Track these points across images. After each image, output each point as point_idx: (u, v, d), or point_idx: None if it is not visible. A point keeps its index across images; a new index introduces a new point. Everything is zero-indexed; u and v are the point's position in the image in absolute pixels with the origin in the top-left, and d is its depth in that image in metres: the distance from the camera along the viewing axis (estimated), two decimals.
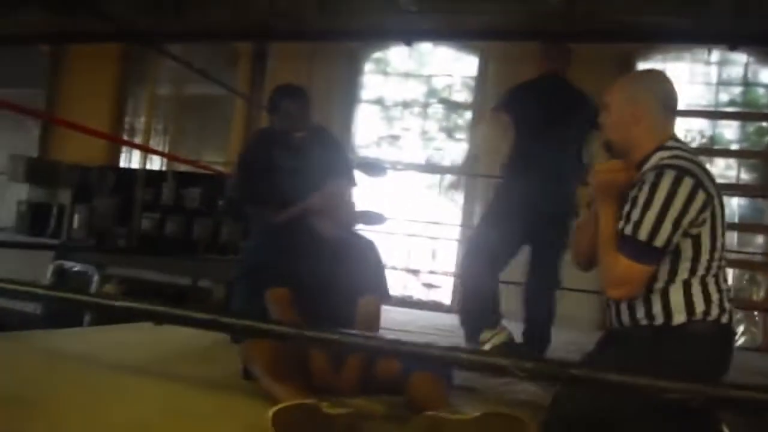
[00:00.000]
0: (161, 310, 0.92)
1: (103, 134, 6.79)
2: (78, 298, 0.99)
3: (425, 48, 7.85)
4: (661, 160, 1.73)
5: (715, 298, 1.70)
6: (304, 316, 2.15)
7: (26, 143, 8.65)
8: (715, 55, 7.01)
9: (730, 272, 6.98)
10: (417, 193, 7.70)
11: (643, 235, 1.65)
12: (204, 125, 8.51)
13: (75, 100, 8.35)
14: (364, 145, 7.82)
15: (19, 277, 1.34)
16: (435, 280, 7.32)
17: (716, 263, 1.74)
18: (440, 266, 7.45)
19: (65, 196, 8.08)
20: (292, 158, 2.96)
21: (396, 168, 7.48)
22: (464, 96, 7.84)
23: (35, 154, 8.53)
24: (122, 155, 8.83)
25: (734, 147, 7.19)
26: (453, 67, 7.86)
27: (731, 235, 6.95)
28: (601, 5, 5.91)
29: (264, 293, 2.29)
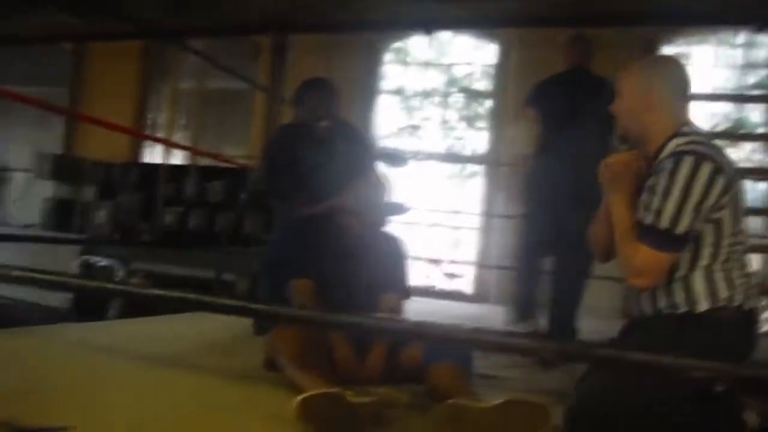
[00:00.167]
0: (192, 297, 0.93)
1: (127, 129, 6.87)
2: (111, 287, 1.00)
3: (445, 37, 7.80)
4: (678, 147, 1.70)
5: (739, 283, 1.67)
6: (326, 309, 2.16)
7: (51, 141, 8.77)
8: (741, 37, 6.89)
9: (756, 258, 6.88)
10: (438, 183, 7.68)
11: (664, 223, 1.63)
12: (225, 119, 8.55)
13: (98, 97, 8.45)
14: (385, 136, 7.80)
15: None
16: (457, 270, 7.31)
17: (738, 248, 1.71)
18: (462, 256, 7.43)
19: (90, 193, 8.19)
20: (318, 151, 2.96)
21: (417, 158, 7.47)
22: (485, 84, 7.79)
23: (60, 152, 8.64)
24: (145, 151, 8.92)
25: (760, 131, 7.06)
26: (473, 56, 7.82)
27: (755, 220, 6.84)
28: None
29: (288, 284, 2.30)
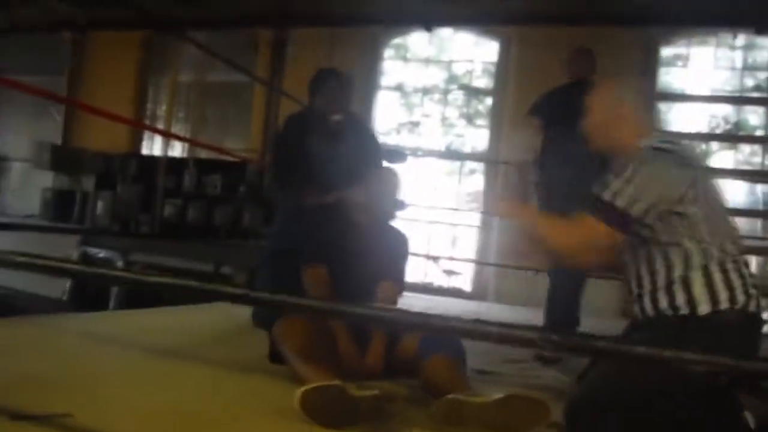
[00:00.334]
0: (194, 285, 0.94)
1: (127, 120, 6.85)
2: (119, 275, 1.00)
3: (445, 33, 7.80)
4: (646, 144, 1.77)
5: (738, 284, 1.68)
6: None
7: (50, 131, 8.76)
8: (741, 39, 6.90)
9: (755, 259, 6.90)
10: (437, 180, 7.69)
11: (620, 203, 1.68)
12: (225, 113, 8.55)
13: (97, 87, 8.44)
14: (385, 132, 7.81)
15: None
16: (455, 267, 7.32)
17: (732, 248, 1.72)
18: (460, 253, 7.45)
19: (89, 184, 8.19)
20: (330, 144, 2.95)
21: (416, 155, 7.47)
22: (485, 82, 7.79)
23: (59, 142, 8.63)
24: (144, 143, 8.91)
25: (759, 133, 7.08)
26: (473, 53, 7.82)
27: (755, 223, 6.86)
28: None
29: (295, 272, 2.32)
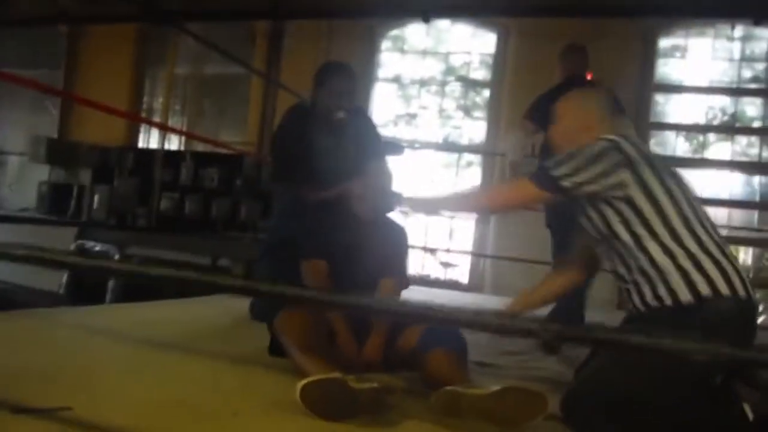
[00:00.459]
0: (195, 276, 0.93)
1: (123, 113, 6.83)
2: (119, 267, 0.99)
3: (443, 25, 7.78)
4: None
5: (715, 274, 1.70)
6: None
7: (46, 124, 8.73)
8: (739, 30, 6.89)
9: (750, 251, 6.92)
10: (434, 172, 7.68)
11: (557, 171, 1.82)
12: (222, 105, 8.52)
13: (93, 80, 8.40)
14: (382, 124, 7.79)
15: None
16: (452, 259, 7.32)
17: (705, 238, 1.76)
18: (457, 245, 7.44)
19: (85, 177, 8.16)
20: (333, 138, 2.92)
21: (413, 147, 7.46)
22: (482, 74, 7.77)
23: (55, 136, 8.60)
24: (141, 136, 8.88)
25: (756, 124, 7.08)
26: (471, 45, 7.80)
27: (751, 214, 6.88)
28: None
29: (294, 265, 2.32)
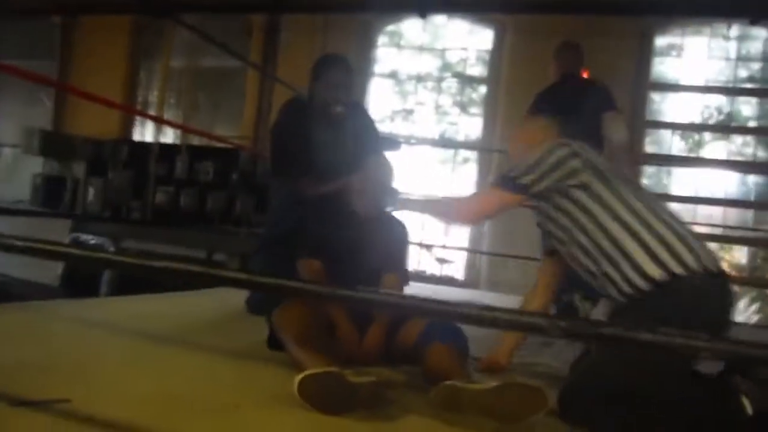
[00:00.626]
0: (198, 270, 0.92)
1: (118, 105, 6.79)
2: (119, 259, 0.98)
3: (439, 21, 7.76)
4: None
5: (682, 250, 1.76)
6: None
7: (40, 116, 8.68)
8: (735, 29, 6.91)
9: (745, 250, 6.96)
10: (431, 168, 7.68)
11: (515, 173, 1.98)
12: (217, 99, 8.49)
13: (87, 72, 8.36)
14: (378, 120, 7.77)
15: None
16: (448, 255, 7.32)
17: (664, 216, 1.84)
18: (453, 241, 7.44)
19: (80, 170, 8.11)
20: (331, 131, 2.91)
21: (410, 142, 7.45)
22: (479, 70, 7.77)
23: (49, 128, 8.55)
24: (135, 129, 8.84)
25: (752, 124, 7.10)
26: (468, 41, 7.79)
27: (746, 213, 6.90)
28: None
29: (292, 262, 2.31)
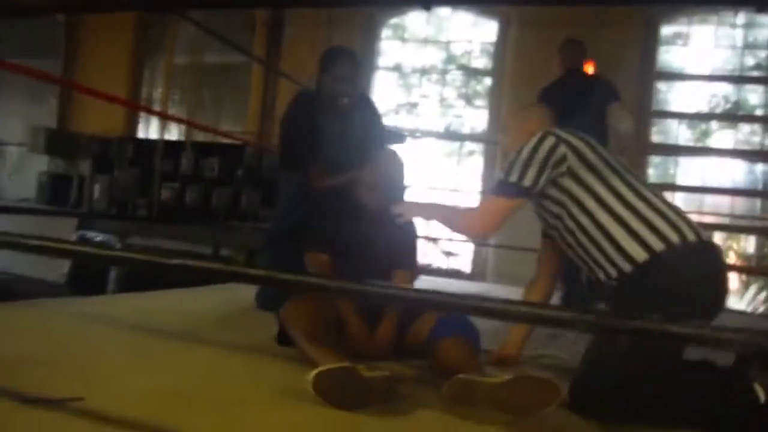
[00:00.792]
0: (216, 267, 0.92)
1: (124, 101, 6.79)
2: (134, 257, 0.98)
3: (443, 13, 7.73)
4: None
5: (664, 227, 1.79)
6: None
7: (44, 115, 8.69)
8: (741, 17, 6.86)
9: (752, 239, 6.93)
10: (436, 161, 7.66)
11: (513, 177, 1.94)
12: (221, 95, 8.49)
13: (92, 70, 8.36)
14: (383, 113, 7.76)
15: None
16: (454, 248, 7.32)
17: (647, 194, 1.87)
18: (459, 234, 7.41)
19: (85, 167, 8.14)
20: (337, 123, 2.89)
21: (415, 136, 7.44)
22: (483, 62, 7.74)
23: (54, 126, 8.57)
24: (140, 126, 8.85)
25: (759, 112, 7.06)
26: (472, 33, 7.75)
27: (753, 202, 6.88)
28: None
29: (300, 256, 2.30)
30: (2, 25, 8.27)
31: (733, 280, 6.42)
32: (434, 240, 7.14)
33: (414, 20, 7.90)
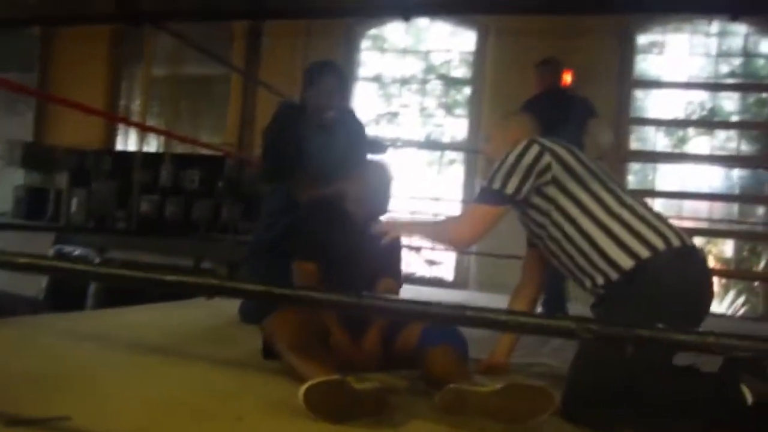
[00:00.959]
0: (214, 283, 0.90)
1: (101, 113, 6.71)
2: (128, 274, 0.95)
3: (422, 24, 7.77)
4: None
5: (645, 231, 1.80)
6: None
7: (20, 128, 8.56)
8: (715, 26, 6.98)
9: (731, 243, 7.03)
10: (417, 170, 7.68)
11: (496, 185, 1.94)
12: (200, 106, 8.43)
13: (68, 83, 8.26)
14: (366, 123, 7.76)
15: None
16: (437, 257, 7.32)
17: (630, 202, 1.88)
18: None
19: (62, 181, 8.02)
20: (322, 135, 2.89)
21: (395, 145, 7.44)
22: (463, 72, 7.78)
23: (30, 139, 8.45)
24: (118, 139, 8.76)
25: (734, 119, 7.18)
26: (451, 43, 7.81)
27: (731, 207, 6.98)
28: None
29: (284, 267, 2.28)
30: None
31: (714, 283, 6.50)
32: (417, 249, 7.14)
33: (393, 31, 7.93)
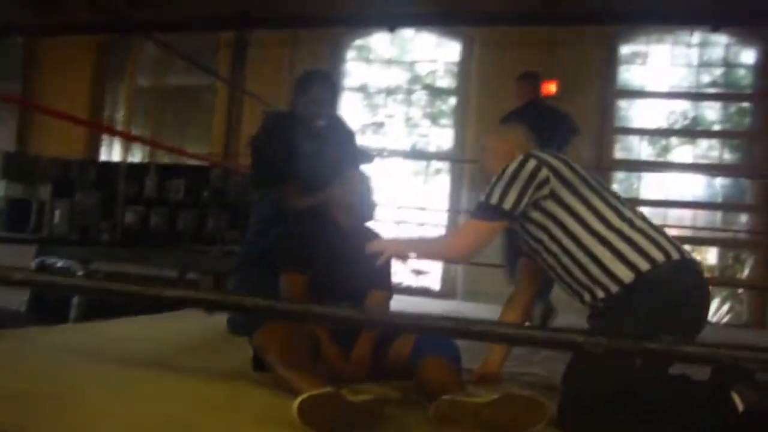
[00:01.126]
0: (213, 297, 0.89)
1: (86, 122, 6.66)
2: (126, 289, 0.94)
3: (407, 34, 7.81)
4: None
5: (645, 244, 1.80)
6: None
7: (2, 137, 8.48)
8: (697, 36, 7.08)
9: (714, 251, 7.10)
10: (403, 180, 7.68)
11: (493, 199, 1.93)
12: (184, 117, 8.39)
13: (51, 92, 8.19)
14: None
15: None
16: (423, 267, 7.32)
17: (629, 215, 1.88)
18: None
19: (45, 192, 7.92)
20: (312, 144, 2.88)
21: (381, 155, 7.45)
22: (448, 82, 7.82)
23: (12, 149, 8.36)
24: (102, 149, 8.69)
25: (716, 128, 7.27)
26: (436, 53, 7.84)
27: (714, 215, 7.06)
28: None
29: (272, 277, 2.27)
30: None
31: (711, 295, 6.57)
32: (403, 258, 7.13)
33: (378, 41, 7.96)
